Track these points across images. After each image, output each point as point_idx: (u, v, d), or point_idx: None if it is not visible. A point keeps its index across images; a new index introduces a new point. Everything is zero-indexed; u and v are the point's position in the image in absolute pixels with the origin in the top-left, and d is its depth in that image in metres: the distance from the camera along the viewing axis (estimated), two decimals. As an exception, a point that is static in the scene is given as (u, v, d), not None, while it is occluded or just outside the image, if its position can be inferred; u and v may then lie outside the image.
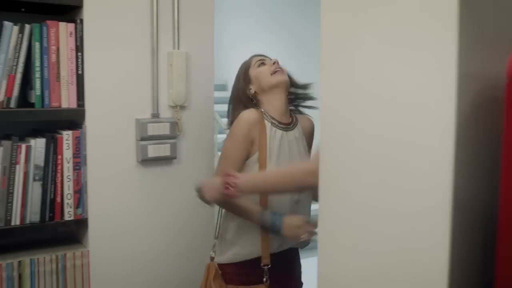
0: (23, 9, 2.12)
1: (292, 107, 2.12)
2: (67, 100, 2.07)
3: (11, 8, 2.07)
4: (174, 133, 2.26)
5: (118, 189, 2.18)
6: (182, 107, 2.28)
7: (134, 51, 2.17)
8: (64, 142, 2.06)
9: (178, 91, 2.25)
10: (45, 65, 2.02)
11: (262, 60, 2.07)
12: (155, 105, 2.22)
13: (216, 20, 2.33)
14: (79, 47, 2.06)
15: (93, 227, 2.14)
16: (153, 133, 2.21)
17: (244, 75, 2.06)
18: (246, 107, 2.02)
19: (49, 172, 2.04)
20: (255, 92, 2.03)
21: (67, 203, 2.08)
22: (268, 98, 2.02)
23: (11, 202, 1.98)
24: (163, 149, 2.24)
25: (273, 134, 1.97)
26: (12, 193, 1.98)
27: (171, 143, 2.25)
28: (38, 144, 2.02)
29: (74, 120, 2.13)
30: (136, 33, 2.17)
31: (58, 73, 2.04)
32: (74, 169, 2.09)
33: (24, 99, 2.06)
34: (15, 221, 2.00)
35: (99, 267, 2.15)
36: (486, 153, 0.89)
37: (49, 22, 2.02)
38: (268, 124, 1.97)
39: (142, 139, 2.19)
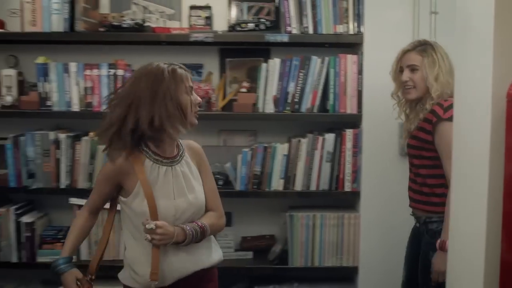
0: (326, 45, 3.12)
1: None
2: (350, 108, 2.99)
3: (319, 45, 3.09)
4: (428, 134, 2.97)
5: (383, 172, 2.97)
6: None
7: (398, 73, 2.96)
8: (347, 137, 2.98)
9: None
10: (337, 84, 2.98)
11: (192, 88, 2.00)
12: (414, 113, 2.97)
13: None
14: (359, 71, 2.96)
15: (364, 198, 2.99)
16: (411, 133, 2.96)
17: (179, 89, 1.94)
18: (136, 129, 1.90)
19: (336, 156, 2.99)
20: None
21: (347, 179, 3.00)
22: (167, 132, 1.94)
23: (310, 174, 3.00)
24: (418, 146, 2.97)
25: (156, 171, 1.98)
26: (311, 168, 3.00)
27: (425, 141, 2.97)
28: (330, 137, 2.99)
29: (354, 122, 3.03)
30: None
31: (345, 89, 2.98)
32: (353, 156, 2.99)
33: (322, 107, 3.04)
34: (312, 187, 3.01)
35: (366, 227, 2.99)
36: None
37: (340, 55, 2.97)
38: (149, 163, 1.97)
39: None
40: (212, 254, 2.11)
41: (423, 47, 2.41)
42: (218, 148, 3.27)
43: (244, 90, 3.10)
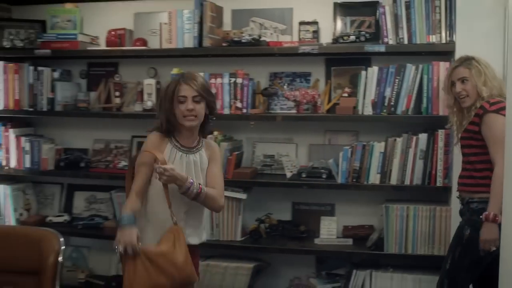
0: (423, 53, 3.42)
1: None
2: (443, 110, 3.27)
3: (414, 53, 3.41)
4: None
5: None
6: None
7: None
8: (439, 136, 3.27)
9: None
10: (430, 89, 3.29)
11: (183, 98, 2.51)
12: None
13: None
14: (452, 77, 3.24)
15: (454, 193, 3.25)
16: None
17: (171, 99, 2.53)
18: (163, 124, 2.56)
19: (429, 154, 3.29)
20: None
21: (439, 175, 3.28)
22: (180, 126, 2.57)
23: (405, 170, 3.33)
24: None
25: (174, 154, 2.56)
26: (406, 165, 3.32)
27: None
28: (423, 137, 3.30)
29: (446, 123, 3.28)
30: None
31: (438, 93, 3.28)
32: (444, 154, 3.27)
33: (417, 109, 3.35)
34: (406, 182, 3.33)
35: (457, 220, 3.23)
36: None
37: (434, 62, 3.28)
38: (169, 146, 2.56)
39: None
40: (203, 235, 2.68)
41: (468, 61, 2.80)
42: (323, 147, 3.69)
43: (345, 95, 3.50)
